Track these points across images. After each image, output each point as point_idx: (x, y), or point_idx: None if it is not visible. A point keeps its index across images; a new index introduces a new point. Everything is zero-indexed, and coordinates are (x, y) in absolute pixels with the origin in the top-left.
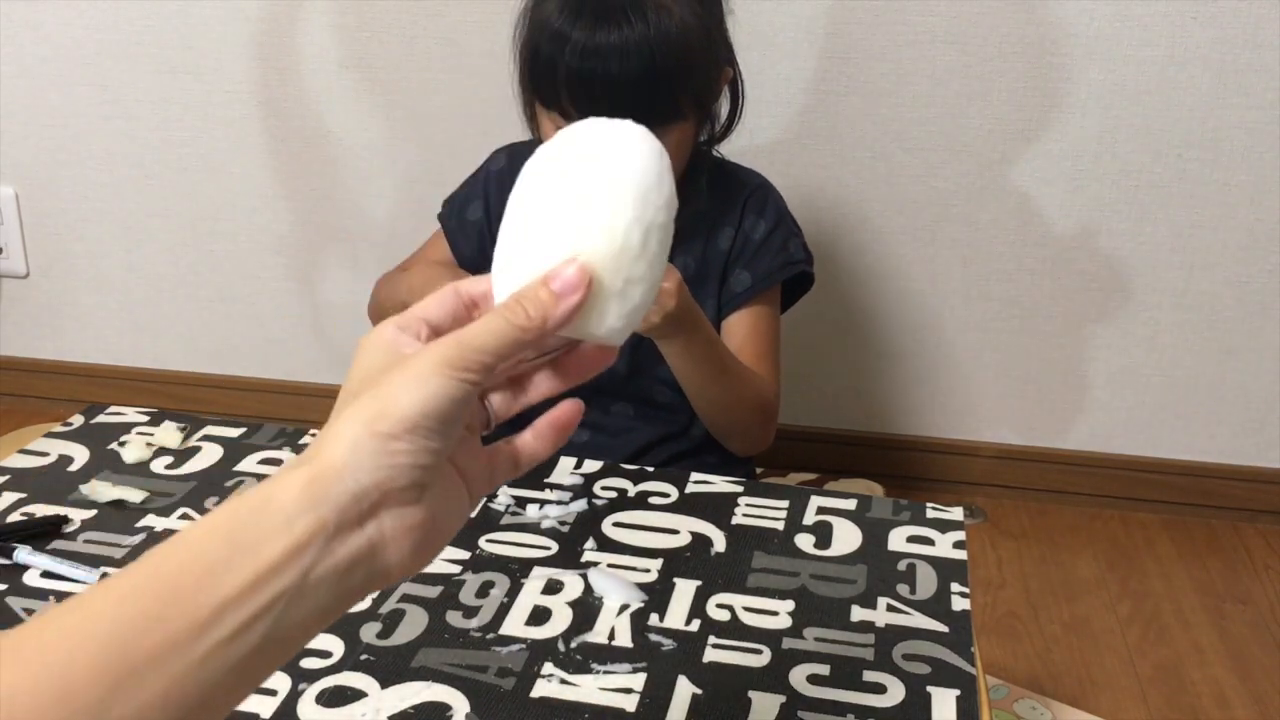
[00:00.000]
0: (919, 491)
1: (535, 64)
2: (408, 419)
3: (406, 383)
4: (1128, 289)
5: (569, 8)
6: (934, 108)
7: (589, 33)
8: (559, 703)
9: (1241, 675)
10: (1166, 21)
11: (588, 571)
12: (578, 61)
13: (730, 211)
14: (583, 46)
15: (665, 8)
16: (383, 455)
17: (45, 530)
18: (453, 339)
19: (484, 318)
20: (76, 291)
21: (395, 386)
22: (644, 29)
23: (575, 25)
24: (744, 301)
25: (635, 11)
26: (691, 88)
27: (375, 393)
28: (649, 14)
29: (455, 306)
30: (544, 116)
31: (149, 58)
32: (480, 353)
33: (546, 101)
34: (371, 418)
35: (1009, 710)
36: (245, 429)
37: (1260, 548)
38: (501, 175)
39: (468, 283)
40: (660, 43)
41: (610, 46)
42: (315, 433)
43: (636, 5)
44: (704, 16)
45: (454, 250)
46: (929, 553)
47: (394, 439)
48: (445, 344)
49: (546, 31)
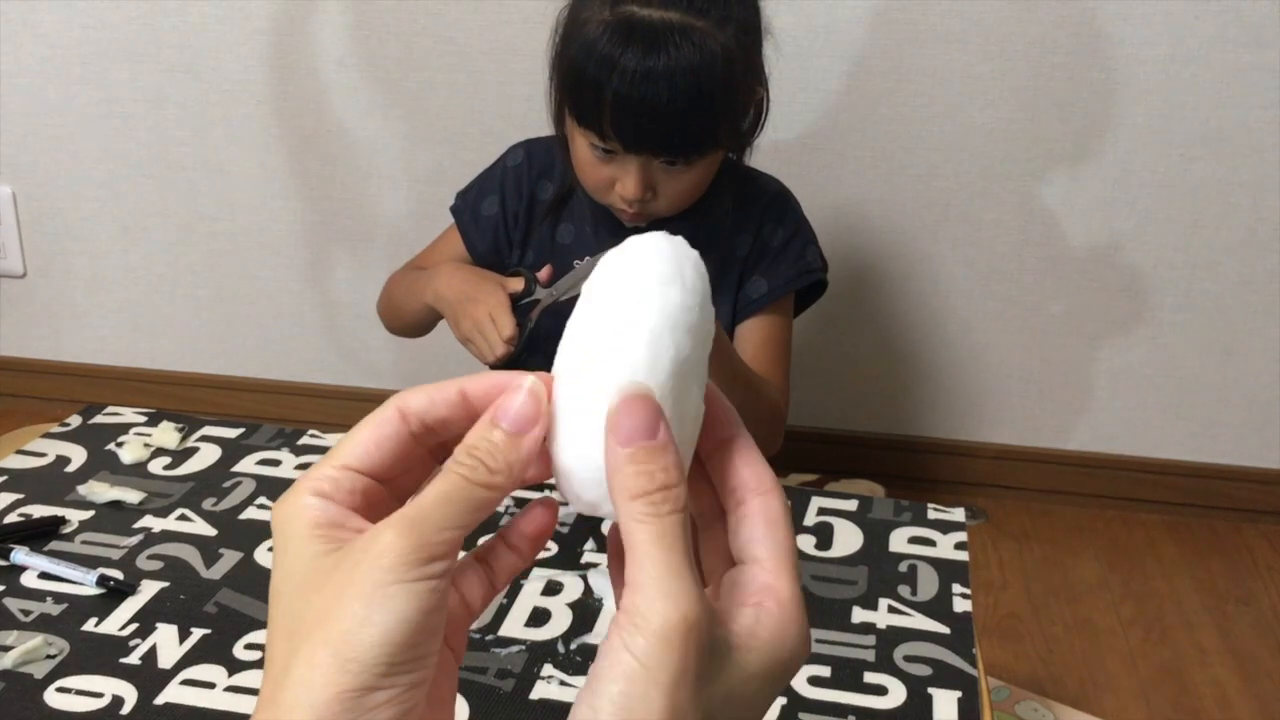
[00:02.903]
0: (920, 492)
1: (579, 86)
2: (379, 661)
3: (364, 607)
4: (1130, 289)
5: (617, 32)
6: (935, 107)
7: (638, 59)
8: (559, 704)
9: (1244, 676)
10: (1168, 20)
11: (587, 573)
12: (625, 88)
13: (749, 218)
14: (631, 72)
15: (711, 34)
16: (362, 716)
17: (43, 531)
18: (407, 521)
19: (433, 484)
20: (74, 291)
21: (350, 617)
22: (692, 56)
23: (624, 51)
24: (759, 308)
25: (683, 38)
26: (731, 115)
27: (325, 629)
28: (696, 40)
29: (401, 433)
30: (577, 131)
31: (147, 57)
32: (443, 529)
33: (585, 122)
34: (334, 671)
35: (1010, 712)
36: (243, 429)
37: (1263, 548)
38: (518, 170)
39: (471, 383)
40: (707, 70)
41: (659, 73)
42: (315, 433)
43: (685, 32)
44: (746, 44)
45: (468, 244)
46: (930, 554)
47: (368, 692)
48: (398, 531)
49: (593, 55)
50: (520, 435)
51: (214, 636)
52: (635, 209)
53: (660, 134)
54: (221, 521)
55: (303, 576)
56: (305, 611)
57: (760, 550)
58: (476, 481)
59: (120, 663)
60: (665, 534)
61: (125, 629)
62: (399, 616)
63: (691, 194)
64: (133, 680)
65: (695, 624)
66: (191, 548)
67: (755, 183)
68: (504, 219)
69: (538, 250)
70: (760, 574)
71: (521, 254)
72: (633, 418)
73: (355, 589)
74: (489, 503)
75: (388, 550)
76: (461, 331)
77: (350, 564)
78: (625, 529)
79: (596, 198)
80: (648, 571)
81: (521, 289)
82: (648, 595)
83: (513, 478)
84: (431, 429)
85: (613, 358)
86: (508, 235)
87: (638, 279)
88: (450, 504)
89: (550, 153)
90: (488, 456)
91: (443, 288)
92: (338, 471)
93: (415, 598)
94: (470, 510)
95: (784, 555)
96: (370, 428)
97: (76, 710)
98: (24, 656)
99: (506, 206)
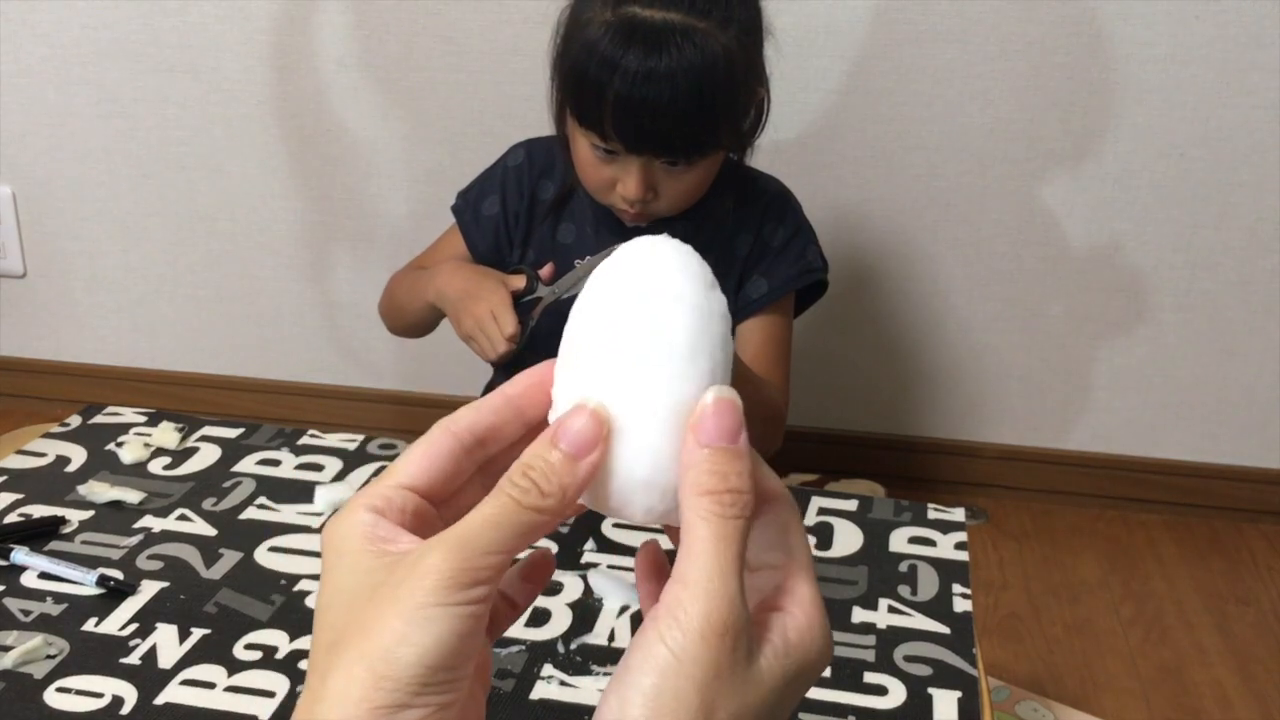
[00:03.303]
0: (920, 492)
1: (581, 87)
2: (414, 680)
3: (404, 625)
4: (1130, 289)
5: (619, 33)
6: (935, 107)
7: (640, 60)
8: (558, 704)
9: (1244, 676)
10: (1169, 20)
11: (587, 573)
12: (627, 89)
13: (750, 217)
14: (633, 74)
15: (713, 35)
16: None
17: (43, 531)
18: (453, 542)
19: (483, 504)
20: (74, 291)
21: (389, 634)
22: (694, 57)
23: (626, 52)
24: (760, 308)
25: (685, 39)
26: (732, 116)
27: (364, 644)
28: (698, 41)
29: (453, 448)
30: (578, 131)
31: (147, 56)
32: (488, 554)
33: (586, 122)
34: (369, 688)
35: (1011, 712)
36: (243, 429)
37: (1263, 549)
38: (519, 170)
39: (515, 389)
40: (709, 71)
41: (660, 74)
42: (315, 433)
43: (687, 33)
44: (748, 44)
45: (469, 244)
46: (930, 554)
47: (401, 709)
48: (443, 553)
49: (594, 56)
50: (578, 459)
51: (214, 636)
52: (636, 209)
53: (662, 135)
54: (221, 521)
55: (351, 590)
56: (348, 624)
57: (778, 557)
58: (527, 505)
59: (120, 663)
60: (727, 536)
61: (125, 629)
62: (436, 638)
63: (693, 194)
64: (133, 680)
65: (735, 627)
66: (191, 548)
67: (756, 183)
68: (505, 218)
69: (538, 250)
70: (782, 579)
71: (522, 253)
72: (720, 420)
73: (398, 606)
74: (538, 528)
75: (432, 571)
76: (463, 329)
77: (396, 580)
78: (687, 523)
79: (598, 198)
80: (701, 568)
81: (523, 287)
82: (694, 592)
83: (565, 502)
84: (482, 440)
85: (664, 369)
86: (509, 235)
87: (668, 286)
88: (498, 528)
89: (551, 152)
90: (542, 479)
91: (444, 286)
92: (391, 490)
93: (455, 620)
94: (518, 535)
95: (802, 561)
96: (422, 447)
97: (76, 710)
98: (24, 656)
99: (507, 206)
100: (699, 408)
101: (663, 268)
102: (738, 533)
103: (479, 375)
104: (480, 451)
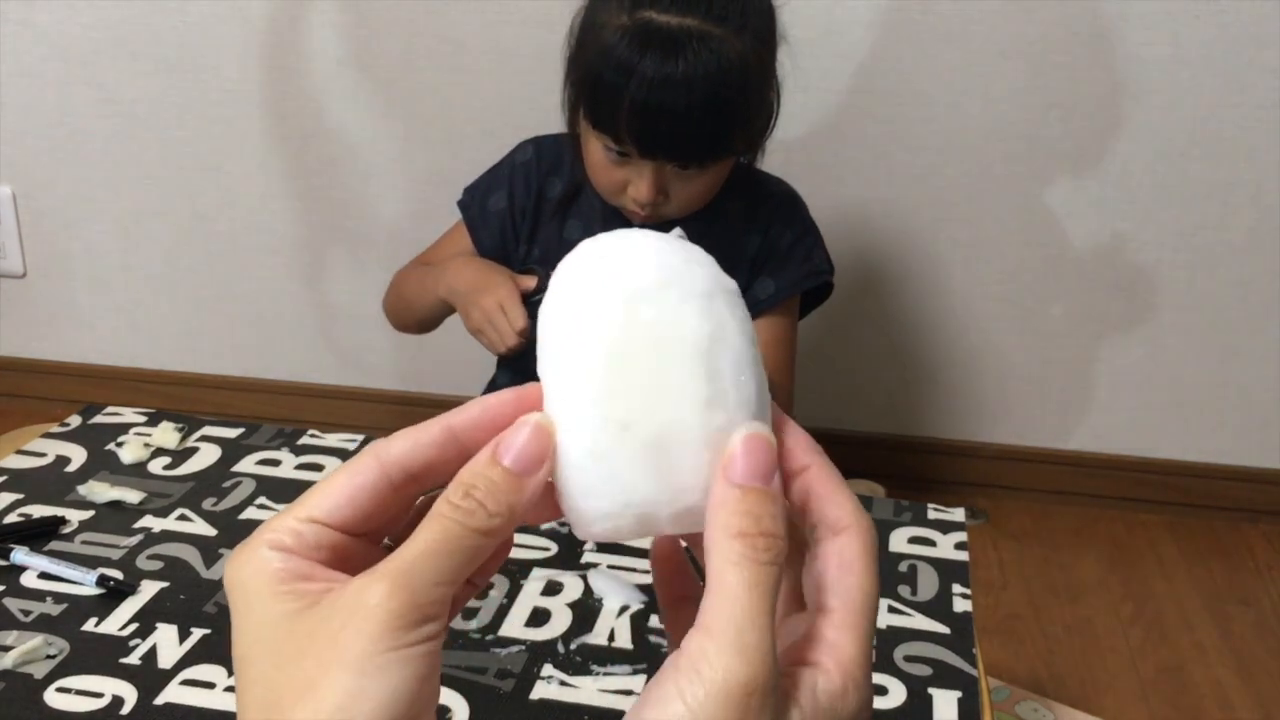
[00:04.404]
0: (920, 492)
1: (596, 90)
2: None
3: (354, 679)
4: (1130, 289)
5: (636, 38)
6: (935, 107)
7: (656, 66)
8: (558, 704)
9: (1244, 676)
10: (1169, 20)
11: (587, 573)
12: (643, 95)
13: (757, 219)
14: (649, 79)
15: (729, 41)
16: None
17: (42, 531)
18: (395, 576)
19: (422, 528)
20: (74, 291)
21: (339, 692)
22: (710, 62)
23: (642, 57)
24: (766, 309)
25: (701, 45)
26: (746, 122)
27: (311, 704)
28: (714, 47)
29: (378, 483)
30: (590, 133)
31: (147, 57)
32: (437, 585)
33: (600, 126)
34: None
35: (1011, 712)
36: (243, 429)
37: (1263, 549)
38: (527, 166)
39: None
40: (724, 77)
41: (677, 80)
42: (315, 433)
43: (703, 38)
44: (762, 50)
45: (475, 240)
46: (930, 554)
47: None
48: (386, 589)
49: (610, 60)
50: (524, 475)
51: (214, 636)
52: (647, 211)
53: (676, 140)
54: (221, 521)
55: (275, 641)
56: (283, 683)
57: (829, 599)
58: (473, 527)
59: (120, 663)
60: (759, 583)
61: (125, 629)
62: (392, 689)
63: (704, 197)
64: (133, 680)
65: (761, 688)
66: (191, 548)
67: (764, 184)
68: (511, 215)
69: (545, 247)
70: (825, 628)
71: (528, 250)
72: (752, 459)
73: (343, 657)
74: (485, 551)
75: (376, 612)
76: (472, 322)
77: (335, 626)
78: (714, 568)
79: (608, 199)
80: (728, 617)
81: (534, 286)
82: (719, 644)
83: (512, 523)
84: (415, 477)
85: (682, 390)
86: (514, 231)
87: (689, 292)
88: (445, 555)
89: (559, 149)
90: (487, 498)
91: (453, 280)
92: (301, 524)
93: (410, 664)
94: (466, 562)
95: (854, 608)
96: (344, 476)
97: (76, 710)
98: (24, 656)
99: (514, 202)
100: (730, 445)
101: (675, 272)
102: (770, 579)
103: (479, 375)
104: (412, 488)
